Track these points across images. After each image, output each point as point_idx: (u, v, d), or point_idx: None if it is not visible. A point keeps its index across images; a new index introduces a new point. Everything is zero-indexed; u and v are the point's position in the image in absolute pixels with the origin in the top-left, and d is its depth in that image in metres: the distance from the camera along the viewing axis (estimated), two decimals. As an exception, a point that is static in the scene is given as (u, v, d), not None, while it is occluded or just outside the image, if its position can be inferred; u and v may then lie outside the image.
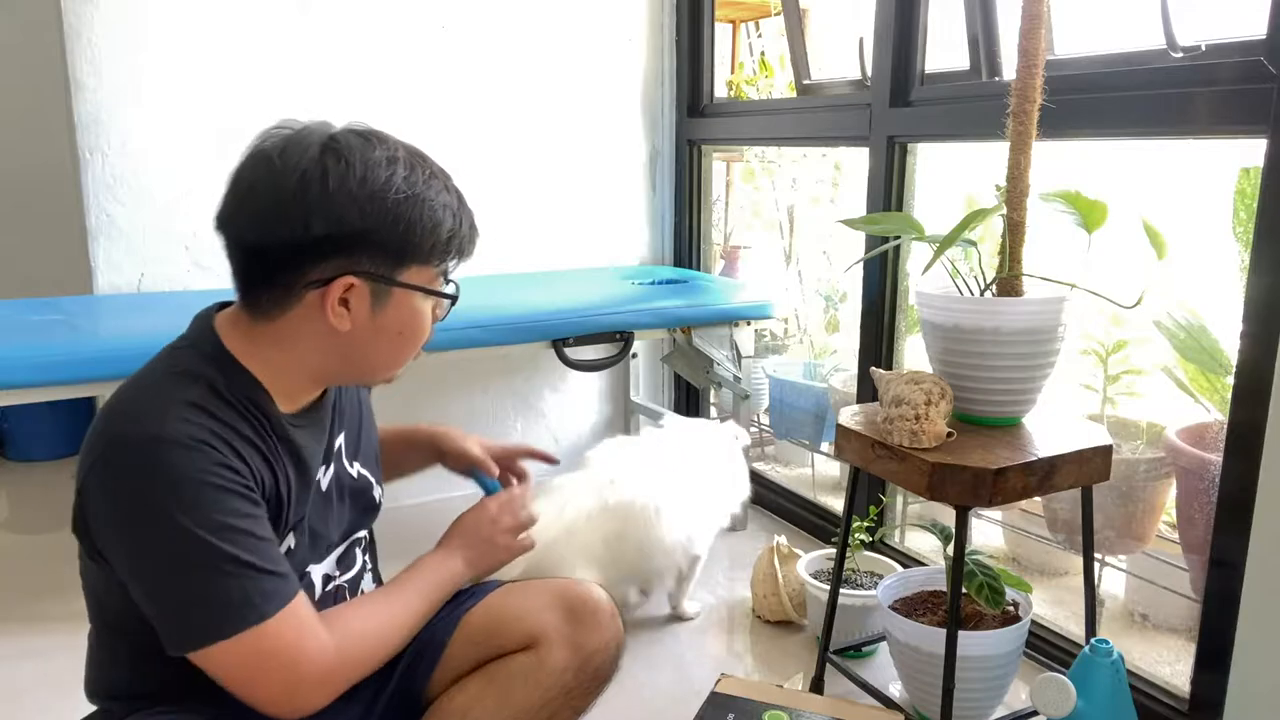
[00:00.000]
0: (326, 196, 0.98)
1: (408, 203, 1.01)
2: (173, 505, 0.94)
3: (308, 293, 1.02)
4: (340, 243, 0.99)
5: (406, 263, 1.04)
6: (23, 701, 1.82)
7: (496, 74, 2.84)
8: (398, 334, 1.08)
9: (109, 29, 2.40)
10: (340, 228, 0.99)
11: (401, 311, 1.06)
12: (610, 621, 1.29)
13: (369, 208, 0.99)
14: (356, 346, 1.06)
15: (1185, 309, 2.06)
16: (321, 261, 1.00)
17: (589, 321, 2.42)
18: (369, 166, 1.00)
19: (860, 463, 1.60)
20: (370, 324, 1.05)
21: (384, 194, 1.00)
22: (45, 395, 1.91)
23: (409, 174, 1.02)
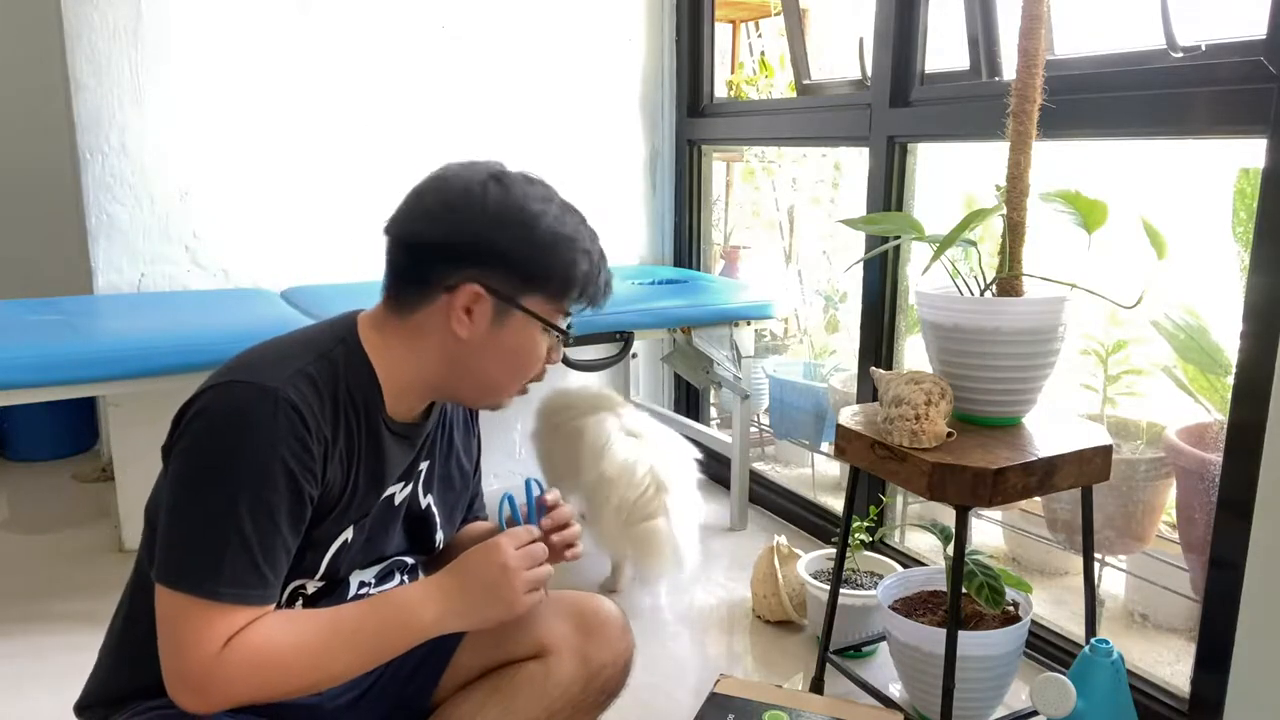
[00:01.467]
0: (483, 210, 1.07)
1: (550, 236, 1.09)
2: (237, 451, 0.98)
3: (442, 294, 1.09)
4: (482, 255, 1.08)
5: (533, 290, 1.10)
6: (23, 701, 1.82)
7: (496, 74, 2.84)
8: (510, 354, 1.12)
9: (109, 29, 2.40)
10: (485, 241, 1.08)
11: (519, 335, 1.11)
12: (621, 636, 1.28)
13: (515, 231, 1.08)
14: (471, 357, 1.11)
15: (1184, 310, 2.06)
16: (463, 268, 1.08)
17: (589, 321, 2.42)
18: (526, 198, 1.10)
19: (860, 463, 1.60)
20: (487, 337, 1.10)
21: (532, 222, 1.09)
22: (45, 395, 1.90)
23: (560, 214, 1.12)
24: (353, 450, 1.08)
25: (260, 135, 2.56)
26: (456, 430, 1.29)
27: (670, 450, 2.27)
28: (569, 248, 1.10)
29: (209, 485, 0.98)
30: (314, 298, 2.44)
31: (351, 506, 1.10)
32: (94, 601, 2.16)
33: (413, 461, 1.19)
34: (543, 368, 1.16)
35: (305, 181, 2.64)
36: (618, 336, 2.48)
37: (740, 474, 2.71)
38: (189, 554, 0.97)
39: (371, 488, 1.12)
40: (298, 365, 1.04)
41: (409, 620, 1.06)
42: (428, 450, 1.22)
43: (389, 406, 1.12)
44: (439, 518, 1.26)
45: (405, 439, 1.16)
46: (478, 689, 1.23)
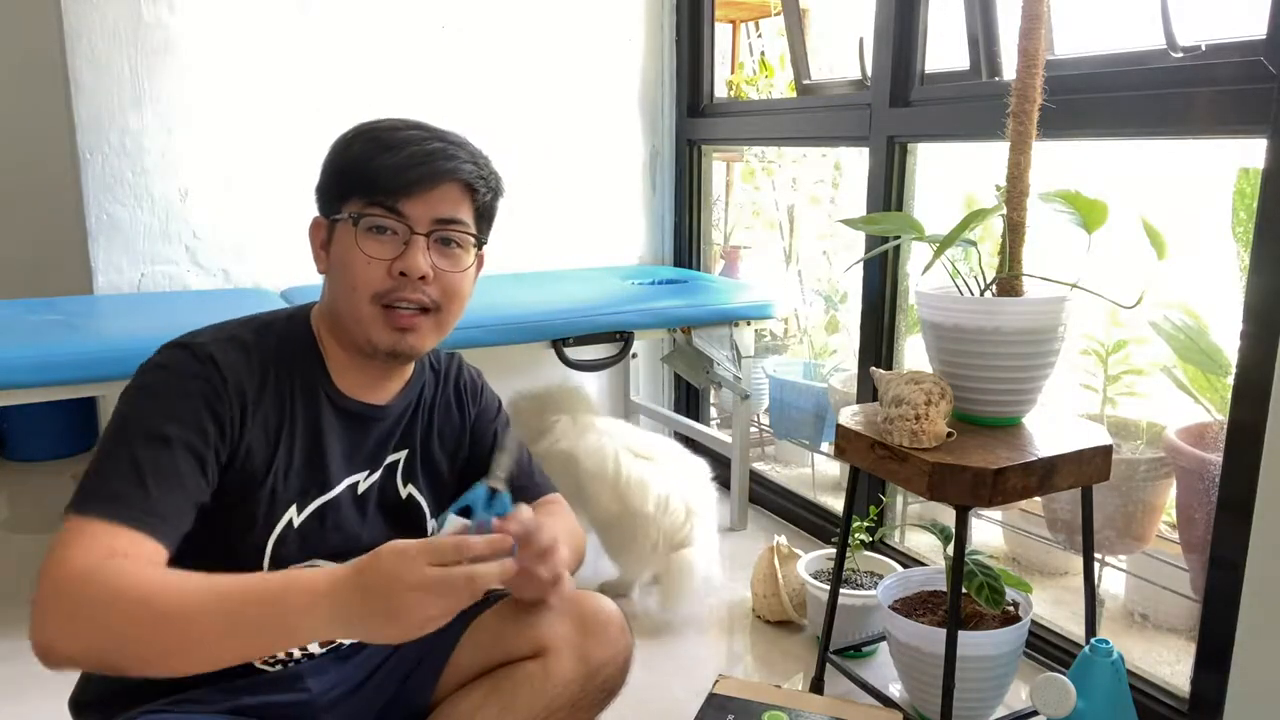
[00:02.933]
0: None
1: (349, 143, 1.12)
2: (144, 384, 1.03)
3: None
4: (317, 192, 1.15)
5: (342, 199, 1.11)
6: (23, 701, 1.81)
7: (496, 74, 2.84)
8: (339, 268, 1.11)
9: (109, 29, 2.40)
10: (318, 179, 1.15)
11: (338, 245, 1.11)
12: (620, 635, 1.27)
13: (328, 158, 1.14)
14: (329, 288, 1.14)
15: (1183, 310, 2.06)
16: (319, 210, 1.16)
17: (589, 321, 2.42)
18: (355, 128, 1.14)
19: (860, 463, 1.60)
20: (330, 262, 1.13)
21: (341, 143, 1.13)
22: (45, 395, 1.90)
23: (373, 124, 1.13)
24: (283, 421, 1.09)
25: (260, 135, 2.56)
26: (438, 412, 1.27)
27: (691, 471, 2.24)
28: (369, 139, 1.11)
29: (115, 425, 1.00)
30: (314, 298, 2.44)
31: (284, 484, 1.09)
32: (94, 601, 2.17)
33: (378, 448, 1.18)
34: (392, 276, 1.08)
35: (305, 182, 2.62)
36: (618, 336, 2.48)
37: (740, 474, 2.71)
38: (82, 484, 0.97)
39: (310, 466, 1.11)
40: (232, 332, 1.09)
41: (292, 625, 0.90)
42: (403, 439, 1.22)
43: (338, 380, 1.14)
44: (427, 507, 1.26)
45: (359, 418, 1.15)
46: (477, 687, 1.23)
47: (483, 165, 1.15)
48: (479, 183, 1.13)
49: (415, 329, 1.11)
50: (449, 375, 1.31)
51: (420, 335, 1.13)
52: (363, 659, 1.24)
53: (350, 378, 1.14)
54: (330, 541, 1.14)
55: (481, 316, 2.24)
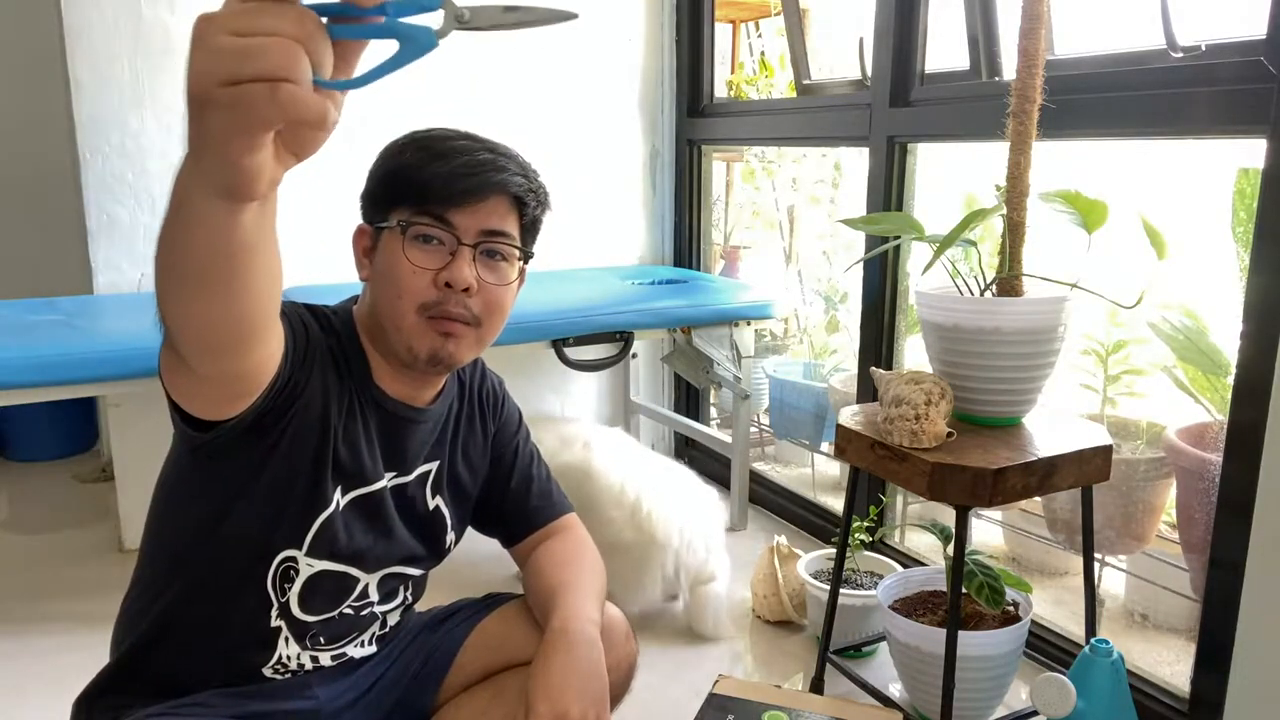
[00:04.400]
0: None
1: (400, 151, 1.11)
2: None
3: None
4: (364, 198, 1.15)
5: (390, 206, 1.10)
6: (23, 701, 1.82)
7: (496, 74, 2.84)
8: (384, 276, 1.10)
9: (109, 29, 2.40)
10: (365, 185, 1.14)
11: (384, 252, 1.10)
12: (624, 641, 1.28)
13: (377, 164, 1.13)
14: (372, 296, 1.13)
15: (1182, 311, 2.06)
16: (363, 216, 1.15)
17: (589, 321, 2.42)
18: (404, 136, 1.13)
19: (860, 463, 1.60)
20: (374, 269, 1.12)
21: (391, 151, 1.12)
22: (45, 395, 1.91)
23: (424, 134, 1.12)
24: (341, 396, 1.09)
25: (260, 135, 2.56)
26: (463, 426, 1.27)
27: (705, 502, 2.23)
28: (419, 148, 1.10)
29: None
30: (314, 298, 2.41)
31: (332, 458, 1.08)
32: (94, 601, 2.17)
33: (413, 452, 1.18)
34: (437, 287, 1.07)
35: (305, 181, 2.63)
36: (618, 336, 2.48)
37: (740, 474, 2.71)
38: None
39: (354, 452, 1.10)
40: (310, 308, 1.12)
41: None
42: (435, 449, 1.21)
43: (379, 380, 1.14)
44: (449, 520, 1.25)
45: (399, 419, 1.15)
46: (481, 691, 1.23)
47: (532, 178, 1.15)
48: (528, 196, 1.13)
49: (457, 335, 1.10)
50: (473, 387, 1.30)
51: (460, 343, 1.11)
52: (369, 668, 1.24)
53: (390, 381, 1.14)
54: (364, 537, 1.14)
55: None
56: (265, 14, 0.51)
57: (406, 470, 1.18)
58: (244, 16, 0.51)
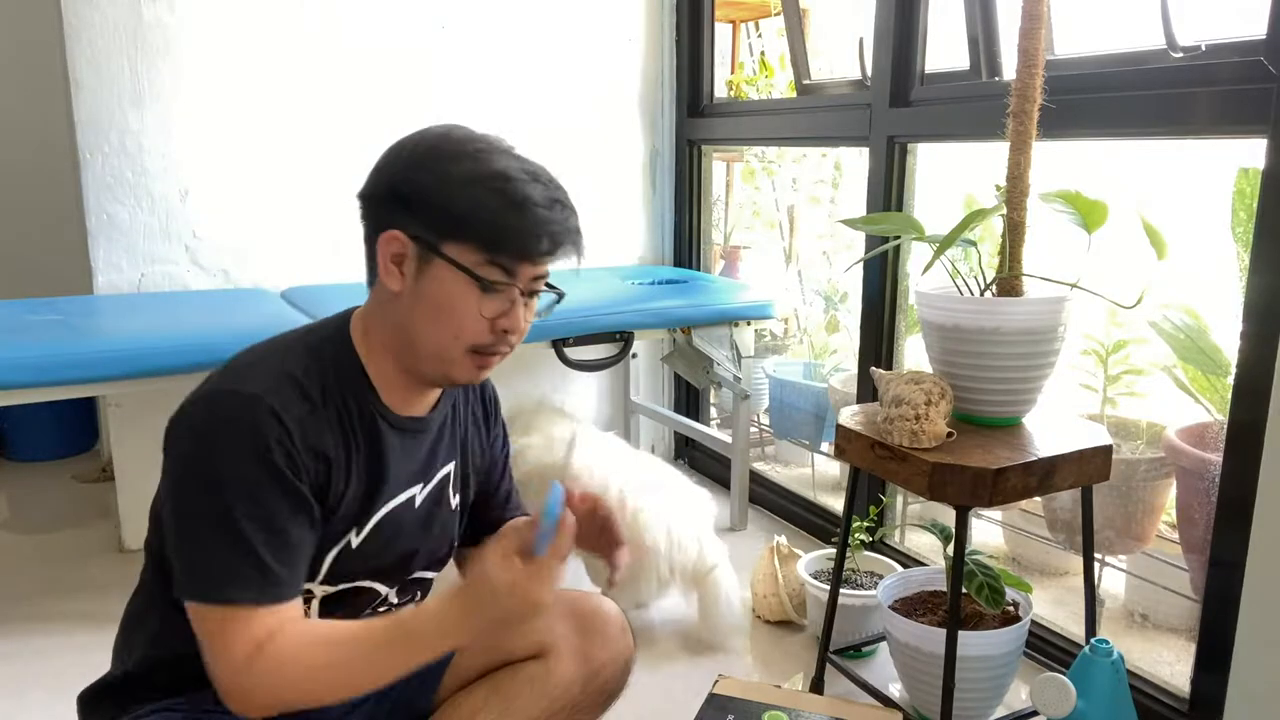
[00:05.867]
0: (410, 154, 1.06)
1: (468, 179, 1.03)
2: (222, 462, 0.98)
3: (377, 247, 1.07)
4: (401, 198, 1.04)
5: (455, 237, 1.03)
6: (24, 701, 1.82)
7: (496, 74, 2.84)
8: (435, 308, 1.05)
9: (109, 29, 2.40)
10: (404, 183, 1.05)
11: (443, 287, 1.04)
12: (620, 636, 1.28)
13: (435, 170, 1.04)
14: (405, 315, 1.07)
15: (1183, 311, 2.06)
16: (390, 215, 1.05)
17: (589, 321, 2.42)
18: (452, 142, 1.06)
19: (860, 463, 1.60)
20: (414, 290, 1.05)
21: (453, 161, 1.04)
22: (45, 395, 1.90)
23: (492, 156, 1.06)
24: (348, 450, 1.07)
25: (260, 135, 2.56)
26: (469, 424, 1.26)
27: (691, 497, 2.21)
28: (490, 193, 1.03)
29: (202, 497, 0.98)
30: (314, 298, 2.44)
31: (350, 507, 1.08)
32: (94, 601, 2.17)
33: (428, 461, 1.17)
34: (494, 332, 1.07)
35: (305, 181, 2.64)
36: (618, 336, 2.48)
37: (740, 474, 2.71)
38: (198, 566, 0.98)
39: (371, 485, 1.10)
40: (282, 368, 1.04)
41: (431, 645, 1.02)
42: (449, 450, 1.21)
43: (386, 397, 1.11)
44: (459, 517, 1.26)
45: (412, 434, 1.14)
46: (478, 689, 1.23)
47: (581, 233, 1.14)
48: (580, 255, 1.14)
49: (492, 367, 1.12)
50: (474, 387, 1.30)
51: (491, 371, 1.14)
52: None
53: (394, 393, 1.12)
54: (384, 558, 1.14)
55: (481, 316, 2.24)
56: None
57: (429, 478, 1.18)
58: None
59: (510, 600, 0.99)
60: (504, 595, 0.99)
